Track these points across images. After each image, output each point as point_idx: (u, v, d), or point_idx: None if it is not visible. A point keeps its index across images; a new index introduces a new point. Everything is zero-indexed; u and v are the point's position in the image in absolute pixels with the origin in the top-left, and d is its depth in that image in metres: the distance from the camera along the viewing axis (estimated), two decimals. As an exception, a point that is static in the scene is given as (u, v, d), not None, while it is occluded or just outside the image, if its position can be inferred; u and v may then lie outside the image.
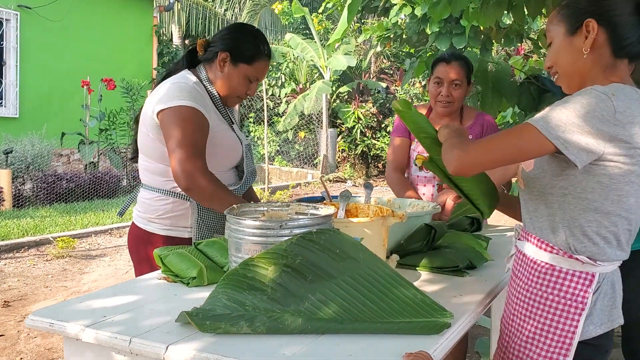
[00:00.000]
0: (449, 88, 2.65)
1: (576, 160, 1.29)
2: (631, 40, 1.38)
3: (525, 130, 1.32)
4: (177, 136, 1.88)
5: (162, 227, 2.07)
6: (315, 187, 11.15)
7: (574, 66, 1.44)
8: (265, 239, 1.46)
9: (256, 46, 2.07)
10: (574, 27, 1.42)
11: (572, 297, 1.40)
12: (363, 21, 15.03)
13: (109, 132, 9.29)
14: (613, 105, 1.28)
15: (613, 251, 1.40)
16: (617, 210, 1.37)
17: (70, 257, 5.80)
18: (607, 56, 1.40)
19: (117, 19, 11.26)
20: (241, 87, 2.08)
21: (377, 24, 8.23)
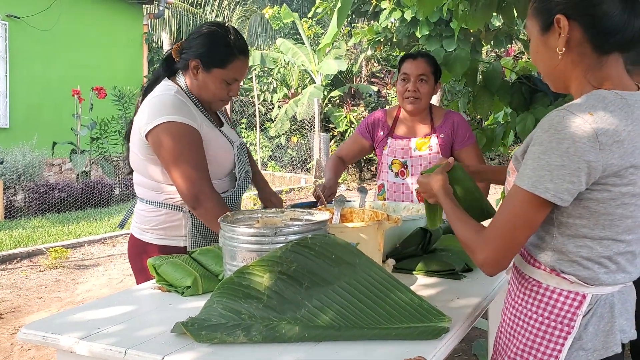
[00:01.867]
0: (415, 83, 2.66)
1: (565, 203, 1.17)
2: (615, 31, 1.19)
3: (519, 196, 1.19)
4: (176, 156, 1.85)
5: (156, 236, 2.06)
6: (309, 191, 11.13)
7: (552, 68, 1.28)
8: (260, 247, 1.45)
9: (227, 48, 1.98)
10: (547, 24, 1.25)
11: (556, 319, 1.26)
12: (353, 25, 15.06)
13: (100, 140, 9.25)
14: (592, 129, 1.12)
15: (609, 275, 1.24)
16: (610, 235, 1.21)
17: (64, 267, 5.76)
18: (589, 55, 1.22)
19: (107, 27, 11.22)
20: (220, 91, 2.02)
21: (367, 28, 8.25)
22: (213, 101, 2.06)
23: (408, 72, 2.68)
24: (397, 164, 2.76)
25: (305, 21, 14.33)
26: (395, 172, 2.78)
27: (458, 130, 2.74)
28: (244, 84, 14.03)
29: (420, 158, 2.73)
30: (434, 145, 2.73)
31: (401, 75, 2.72)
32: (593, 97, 1.18)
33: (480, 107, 3.21)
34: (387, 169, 2.80)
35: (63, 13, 10.01)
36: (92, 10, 10.91)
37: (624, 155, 1.15)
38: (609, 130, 1.13)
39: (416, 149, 2.74)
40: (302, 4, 18.19)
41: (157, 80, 2.08)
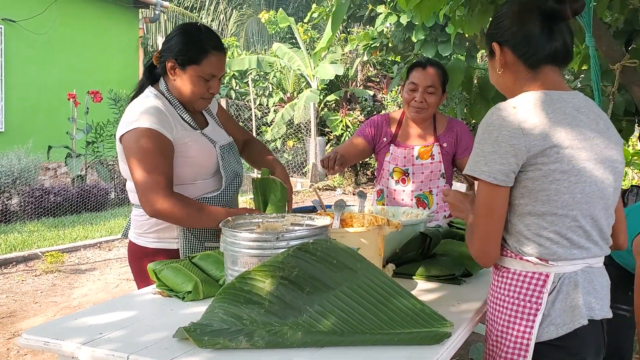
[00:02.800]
0: (423, 94, 2.63)
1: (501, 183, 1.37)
2: (536, 48, 1.45)
3: (479, 188, 1.41)
4: (136, 162, 1.88)
5: (150, 240, 2.07)
6: (305, 195, 11.14)
7: (500, 85, 1.55)
8: (261, 252, 1.45)
9: (199, 44, 1.99)
10: (490, 52, 1.53)
11: (525, 298, 1.42)
12: (349, 30, 15.10)
13: (96, 144, 9.23)
14: (517, 119, 1.36)
15: (566, 250, 1.40)
16: (551, 210, 1.38)
17: (60, 271, 5.74)
18: (523, 70, 1.47)
19: (103, 31, 11.21)
20: (199, 89, 2.01)
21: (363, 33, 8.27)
22: (193, 100, 2.05)
23: (417, 82, 2.64)
24: (399, 171, 2.74)
25: (302, 25, 14.36)
26: (395, 179, 2.76)
27: (461, 141, 2.75)
28: (240, 87, 14.03)
29: (422, 166, 2.72)
30: (436, 154, 2.72)
31: (409, 83, 2.67)
32: (518, 97, 1.43)
33: (477, 114, 3.23)
34: (387, 176, 2.78)
35: (58, 17, 10.01)
36: (88, 14, 10.90)
37: (546, 137, 1.35)
38: (529, 118, 1.37)
39: (418, 157, 2.72)
40: (298, 9, 18.23)
41: (142, 89, 2.11)
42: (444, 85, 2.69)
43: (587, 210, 1.40)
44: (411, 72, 2.68)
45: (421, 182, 2.73)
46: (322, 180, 12.35)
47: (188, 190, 2.00)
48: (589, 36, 2.62)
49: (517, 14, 1.47)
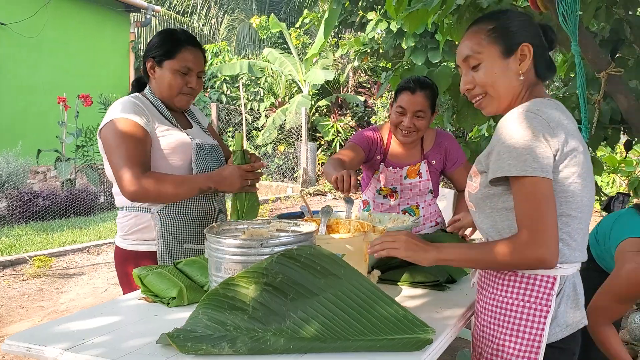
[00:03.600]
0: (412, 119, 2.53)
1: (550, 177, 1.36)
2: (546, 64, 1.51)
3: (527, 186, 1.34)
4: (111, 150, 1.94)
5: (130, 242, 2.08)
6: (296, 200, 11.14)
7: (510, 89, 1.48)
8: (245, 258, 1.45)
9: (173, 40, 2.08)
10: (509, 50, 1.46)
11: (536, 301, 1.43)
12: (340, 36, 15.14)
13: (86, 148, 9.19)
14: (545, 119, 1.37)
15: (571, 252, 1.43)
16: (566, 211, 1.40)
17: (47, 276, 5.70)
18: (532, 77, 1.50)
19: (94, 34, 11.18)
20: (176, 83, 2.07)
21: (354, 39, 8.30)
22: (173, 95, 2.09)
23: (405, 107, 2.53)
24: (387, 189, 2.72)
25: (293, 31, 14.39)
26: (383, 195, 2.74)
27: (450, 155, 2.69)
28: (231, 92, 14.03)
29: (410, 185, 2.68)
30: (424, 172, 2.67)
31: (397, 107, 2.56)
32: (533, 102, 1.43)
33: (464, 121, 3.25)
34: (374, 190, 2.76)
35: (49, 20, 9.98)
36: (79, 18, 10.87)
37: (568, 141, 1.38)
38: (554, 119, 1.38)
39: (407, 177, 2.67)
40: (290, 14, 18.27)
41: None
42: (433, 106, 2.59)
43: (588, 214, 1.46)
44: (399, 95, 2.57)
45: (409, 198, 2.71)
46: (313, 185, 12.36)
47: None
48: (575, 45, 2.65)
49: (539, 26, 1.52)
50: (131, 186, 1.89)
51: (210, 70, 13.49)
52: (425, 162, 2.68)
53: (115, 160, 1.93)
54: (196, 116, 2.31)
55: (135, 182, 1.89)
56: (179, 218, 2.05)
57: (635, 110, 2.92)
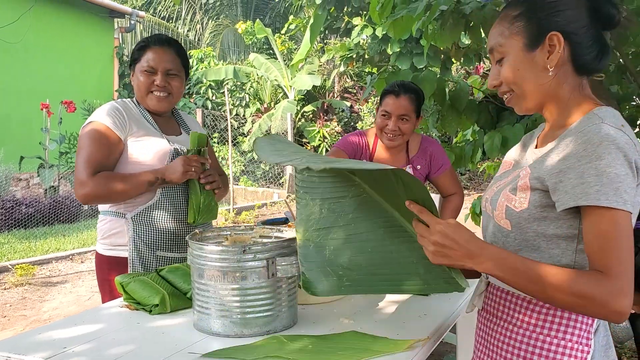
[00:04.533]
0: (396, 122, 2.54)
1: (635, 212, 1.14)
2: (592, 55, 1.23)
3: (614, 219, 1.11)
4: (77, 153, 2.01)
5: (105, 247, 2.09)
6: (282, 206, 11.11)
7: (539, 86, 1.25)
8: (227, 264, 1.45)
9: (141, 44, 2.13)
10: (535, 41, 1.23)
11: (578, 340, 1.22)
12: (326, 41, 15.18)
13: (69, 155, 9.11)
14: (630, 139, 1.14)
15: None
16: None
17: (30, 284, 5.63)
18: (571, 74, 1.24)
19: (78, 40, 11.11)
20: (143, 83, 2.09)
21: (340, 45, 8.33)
22: (144, 97, 2.12)
23: (389, 111, 2.55)
24: None
25: (279, 36, 14.39)
26: None
27: (433, 161, 2.71)
28: (216, 98, 13.99)
29: None
30: None
31: (382, 111, 2.58)
32: (610, 112, 1.19)
33: (449, 126, 3.27)
34: None
35: (33, 25, 9.89)
36: (62, 23, 10.80)
37: None
38: (637, 141, 1.16)
39: None
40: (275, 20, 18.28)
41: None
42: (418, 110, 2.61)
43: None
44: (384, 99, 2.59)
45: None
46: (299, 191, 12.34)
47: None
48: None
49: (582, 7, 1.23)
50: (81, 189, 1.94)
51: (195, 76, 13.45)
52: (410, 166, 2.69)
53: (77, 162, 1.98)
54: (189, 127, 2.29)
55: (85, 183, 1.93)
56: (151, 225, 2.04)
57: (616, 115, 2.95)
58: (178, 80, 2.14)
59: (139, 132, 2.05)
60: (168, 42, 2.14)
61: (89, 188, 1.93)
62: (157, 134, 2.09)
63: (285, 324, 1.52)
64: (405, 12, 3.00)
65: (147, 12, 15.73)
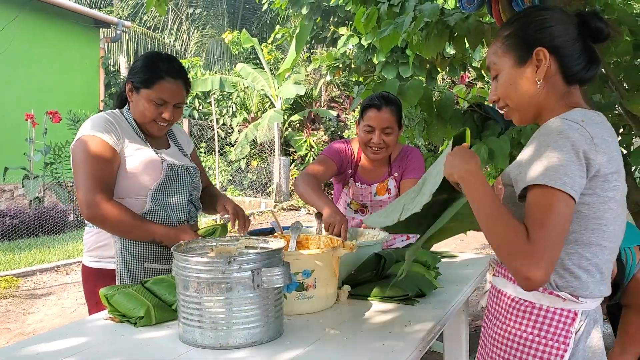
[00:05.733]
0: (380, 135, 2.52)
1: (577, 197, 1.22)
2: (580, 66, 1.34)
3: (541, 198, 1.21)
4: (77, 168, 1.95)
5: (92, 259, 2.07)
6: (269, 216, 11.09)
7: (529, 98, 1.36)
8: (213, 276, 1.44)
9: (153, 69, 2.03)
10: (524, 58, 1.35)
11: (553, 337, 1.30)
12: (312, 51, 15.23)
13: (54, 166, 9.04)
14: (588, 132, 1.24)
15: (596, 286, 1.32)
16: (597, 240, 1.29)
17: (14, 297, 5.57)
18: (560, 84, 1.35)
19: (63, 50, 11.05)
20: (149, 112, 2.04)
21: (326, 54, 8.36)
22: (145, 123, 2.07)
23: (372, 125, 2.52)
24: (356, 204, 2.73)
25: (265, 46, 14.42)
26: (354, 209, 2.74)
27: (408, 164, 2.67)
28: (203, 107, 13.97)
29: (380, 202, 2.68)
30: (392, 188, 2.66)
31: (365, 125, 2.55)
32: (578, 112, 1.30)
33: (435, 135, 3.29)
34: (345, 205, 2.76)
35: (18, 35, 9.83)
36: (48, 33, 10.75)
37: (610, 160, 1.26)
38: (598, 135, 1.26)
39: (376, 194, 2.68)
40: (262, 29, 18.33)
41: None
42: (399, 121, 2.60)
43: (617, 243, 1.34)
44: (366, 113, 2.56)
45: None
46: (287, 201, 12.34)
47: (129, 204, 2.00)
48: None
49: (568, 24, 1.34)
50: (91, 209, 1.90)
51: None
52: (392, 177, 2.69)
53: (79, 179, 1.93)
54: (177, 138, 2.27)
55: (96, 205, 1.89)
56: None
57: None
58: (182, 109, 2.13)
59: (132, 146, 2.03)
60: (180, 74, 2.08)
61: (99, 211, 1.89)
62: (148, 149, 2.07)
63: (271, 335, 1.51)
64: (391, 29, 3.04)
65: (133, 22, 15.71)
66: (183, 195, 2.11)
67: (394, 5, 3.50)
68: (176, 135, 2.28)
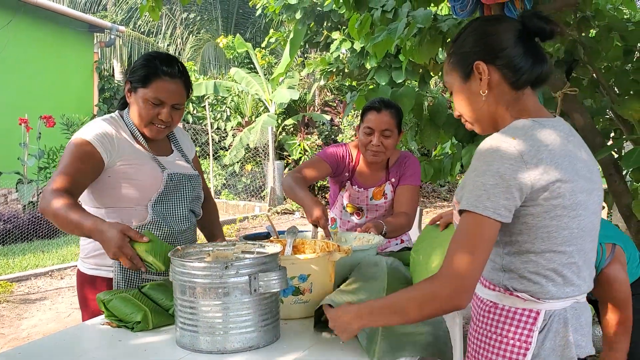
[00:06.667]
0: (380, 137, 2.58)
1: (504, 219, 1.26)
2: (524, 69, 1.36)
3: (464, 220, 1.28)
4: (57, 167, 1.91)
5: (89, 266, 2.05)
6: (263, 220, 11.08)
7: (478, 111, 1.41)
8: (210, 281, 1.46)
9: (150, 67, 1.98)
10: (466, 73, 1.39)
11: (514, 336, 1.33)
12: (306, 55, 15.27)
13: (48, 170, 9.01)
14: (517, 150, 1.26)
15: (559, 288, 1.33)
16: (550, 247, 1.31)
17: (8, 302, 5.55)
18: (507, 92, 1.37)
19: (57, 54, 11.03)
20: (146, 113, 1.98)
21: (320, 59, 8.40)
22: (142, 124, 2.01)
23: (372, 127, 2.58)
24: (352, 207, 2.76)
25: (259, 51, 14.44)
26: (350, 212, 2.77)
27: (406, 170, 2.71)
28: (198, 111, 13.97)
29: (376, 206, 2.72)
30: (389, 193, 2.71)
31: (365, 127, 2.61)
32: (513, 126, 1.34)
33: (427, 139, 3.32)
34: (341, 208, 2.79)
35: (11, 39, 9.81)
36: (42, 38, 10.72)
37: (549, 171, 1.27)
38: (531, 150, 1.27)
39: (372, 198, 2.71)
40: (256, 34, 18.34)
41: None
42: (399, 125, 2.66)
43: (581, 245, 1.34)
44: (366, 115, 2.63)
45: (374, 218, 2.71)
46: (281, 204, 12.34)
47: (128, 214, 1.97)
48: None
49: (502, 32, 1.37)
50: (41, 201, 1.81)
51: (175, 91, 13.39)
52: (389, 182, 2.72)
53: (53, 173, 1.88)
54: (180, 143, 2.22)
55: (45, 198, 1.80)
56: None
57: (591, 128, 3.03)
58: (181, 111, 2.07)
59: (130, 156, 1.98)
60: (179, 72, 2.02)
61: (46, 202, 1.79)
62: (147, 157, 2.03)
63: (268, 340, 1.53)
64: (385, 34, 3.06)
65: (127, 26, 15.70)
66: (184, 206, 2.08)
67: (387, 11, 3.54)
68: (179, 139, 2.23)
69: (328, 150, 2.76)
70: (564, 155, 1.31)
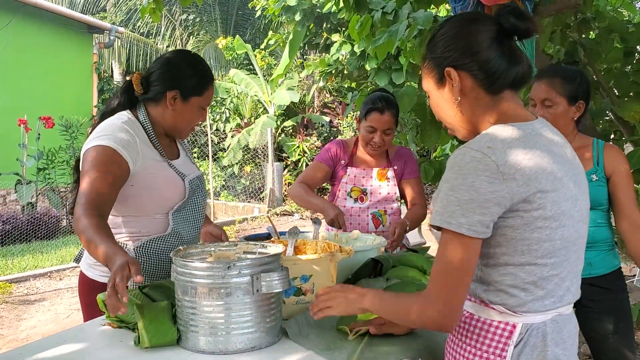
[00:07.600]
0: (381, 136, 2.78)
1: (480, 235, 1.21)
2: (499, 73, 1.28)
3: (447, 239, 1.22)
4: (84, 175, 1.80)
5: (99, 273, 1.99)
6: (263, 221, 11.08)
7: (455, 117, 1.34)
8: (212, 281, 1.45)
9: (202, 76, 2.01)
10: (439, 79, 1.33)
11: (488, 349, 1.27)
12: (305, 57, 15.28)
13: (47, 171, 9.00)
14: (493, 161, 1.19)
15: (538, 301, 1.26)
16: (530, 260, 1.24)
17: (7, 303, 5.54)
18: (483, 97, 1.30)
19: (56, 55, 11.02)
20: (196, 119, 2.05)
21: (319, 60, 8.40)
22: (185, 129, 2.06)
23: (375, 126, 2.77)
24: (357, 190, 2.88)
25: (258, 52, 14.45)
26: (354, 197, 2.87)
27: (407, 165, 2.92)
28: (196, 113, 13.97)
29: (380, 187, 2.86)
30: (391, 178, 2.89)
31: (367, 126, 2.78)
32: (489, 132, 1.26)
33: (428, 140, 3.32)
34: (345, 195, 2.87)
35: (10, 40, 9.80)
36: (41, 39, 10.71)
37: (529, 182, 1.19)
38: (509, 160, 1.19)
39: (376, 179, 2.88)
40: (255, 36, 18.34)
41: (114, 111, 2.02)
42: (397, 121, 2.85)
43: (565, 255, 1.27)
44: (369, 115, 2.78)
45: (377, 202, 2.86)
46: (280, 206, 12.33)
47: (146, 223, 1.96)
48: (533, 67, 2.74)
49: (475, 34, 1.29)
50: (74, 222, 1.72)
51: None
52: (392, 168, 2.89)
53: (82, 186, 1.79)
54: (186, 146, 2.26)
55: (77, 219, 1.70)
56: (157, 259, 1.97)
57: (591, 129, 3.03)
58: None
59: (150, 163, 1.95)
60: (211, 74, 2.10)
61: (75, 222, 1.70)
62: (164, 163, 2.01)
63: (270, 340, 1.52)
64: (386, 37, 3.08)
65: (126, 28, 15.68)
66: (201, 210, 2.10)
67: (387, 13, 3.54)
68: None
69: (323, 151, 2.98)
70: (547, 163, 1.23)
